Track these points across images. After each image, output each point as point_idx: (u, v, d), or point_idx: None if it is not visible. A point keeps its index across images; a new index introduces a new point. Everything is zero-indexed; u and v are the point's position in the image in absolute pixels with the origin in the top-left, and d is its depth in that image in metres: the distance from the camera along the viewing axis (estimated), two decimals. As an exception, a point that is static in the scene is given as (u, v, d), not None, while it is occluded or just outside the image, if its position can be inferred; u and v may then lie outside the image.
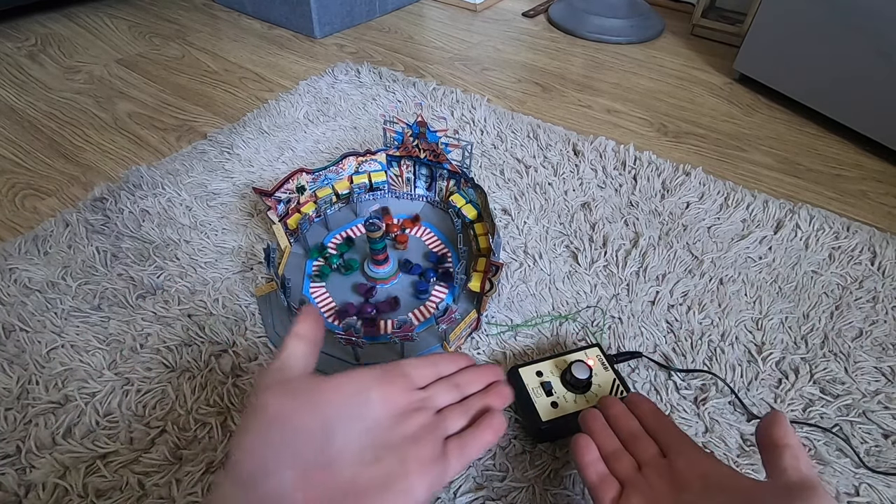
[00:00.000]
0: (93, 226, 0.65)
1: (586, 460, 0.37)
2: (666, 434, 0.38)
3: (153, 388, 0.49)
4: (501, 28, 1.26)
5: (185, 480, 0.43)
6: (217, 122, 0.87)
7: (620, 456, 0.37)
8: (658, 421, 0.39)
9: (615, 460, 0.37)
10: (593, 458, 0.37)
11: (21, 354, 0.51)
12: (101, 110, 0.90)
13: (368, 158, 0.65)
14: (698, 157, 0.83)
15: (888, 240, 0.66)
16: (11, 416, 0.47)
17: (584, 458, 0.37)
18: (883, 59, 0.78)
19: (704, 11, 1.20)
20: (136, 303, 0.56)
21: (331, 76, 0.99)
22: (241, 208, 0.69)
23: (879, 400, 0.50)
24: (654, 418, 0.40)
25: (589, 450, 0.38)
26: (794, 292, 0.60)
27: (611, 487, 0.35)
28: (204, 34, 1.17)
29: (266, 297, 0.57)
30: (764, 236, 0.67)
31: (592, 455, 0.38)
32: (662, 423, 0.39)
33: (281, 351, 0.32)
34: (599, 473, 0.37)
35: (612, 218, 0.69)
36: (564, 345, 0.54)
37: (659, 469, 0.36)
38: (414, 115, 0.88)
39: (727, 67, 1.08)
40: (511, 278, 0.61)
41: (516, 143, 0.82)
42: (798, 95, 0.93)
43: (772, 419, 0.34)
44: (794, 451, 0.32)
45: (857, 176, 0.80)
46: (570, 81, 1.04)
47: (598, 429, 0.40)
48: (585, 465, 0.37)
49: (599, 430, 0.40)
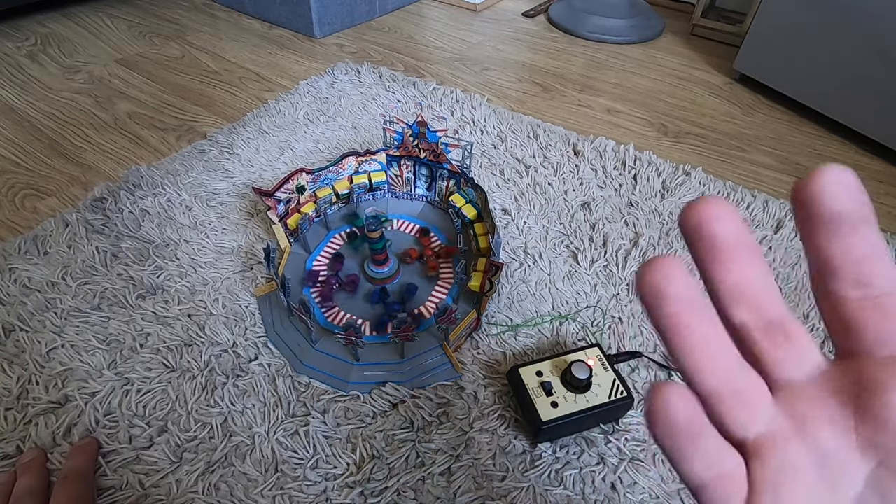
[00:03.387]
0: (93, 226, 0.65)
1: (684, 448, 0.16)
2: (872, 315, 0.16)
3: (153, 388, 0.49)
4: (501, 28, 1.26)
5: (184, 480, 0.43)
6: (217, 122, 0.87)
7: (744, 392, 0.16)
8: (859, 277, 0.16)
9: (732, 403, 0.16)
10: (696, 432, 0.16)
11: (21, 354, 0.51)
12: (101, 110, 0.90)
13: (368, 158, 0.65)
14: (698, 157, 0.83)
15: (888, 240, 0.66)
16: (11, 416, 0.47)
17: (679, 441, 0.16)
18: (883, 59, 0.78)
19: (704, 11, 1.20)
20: (135, 303, 0.56)
21: (331, 76, 0.99)
22: (241, 208, 0.69)
23: (879, 400, 0.50)
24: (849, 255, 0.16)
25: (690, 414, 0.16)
26: (794, 292, 0.60)
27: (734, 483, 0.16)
28: (204, 34, 1.17)
29: (266, 297, 0.57)
30: (764, 236, 0.67)
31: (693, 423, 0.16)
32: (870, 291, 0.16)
33: None
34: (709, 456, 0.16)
35: (612, 218, 0.69)
36: (564, 345, 0.54)
37: (830, 405, 0.16)
38: (414, 115, 0.88)
39: (727, 67, 1.08)
40: (511, 278, 0.61)
41: (516, 143, 0.82)
42: (798, 95, 0.93)
43: None
44: None
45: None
46: (570, 81, 1.04)
47: (699, 337, 0.16)
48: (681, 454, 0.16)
49: (702, 340, 0.16)
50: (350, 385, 0.49)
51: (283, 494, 0.42)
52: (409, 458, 0.45)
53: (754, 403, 0.17)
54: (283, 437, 0.46)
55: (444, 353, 0.51)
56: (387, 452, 0.45)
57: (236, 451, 0.45)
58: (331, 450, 0.45)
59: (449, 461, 0.45)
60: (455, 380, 0.50)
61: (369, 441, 0.46)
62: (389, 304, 0.56)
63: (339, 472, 0.44)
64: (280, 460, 0.44)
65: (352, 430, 0.47)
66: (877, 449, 0.16)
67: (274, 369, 0.51)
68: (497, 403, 0.49)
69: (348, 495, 0.42)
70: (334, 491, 0.43)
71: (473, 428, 0.47)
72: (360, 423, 0.47)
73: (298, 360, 0.51)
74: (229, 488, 0.43)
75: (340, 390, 0.49)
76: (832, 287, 0.17)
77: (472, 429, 0.47)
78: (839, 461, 0.16)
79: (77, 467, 0.42)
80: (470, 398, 0.49)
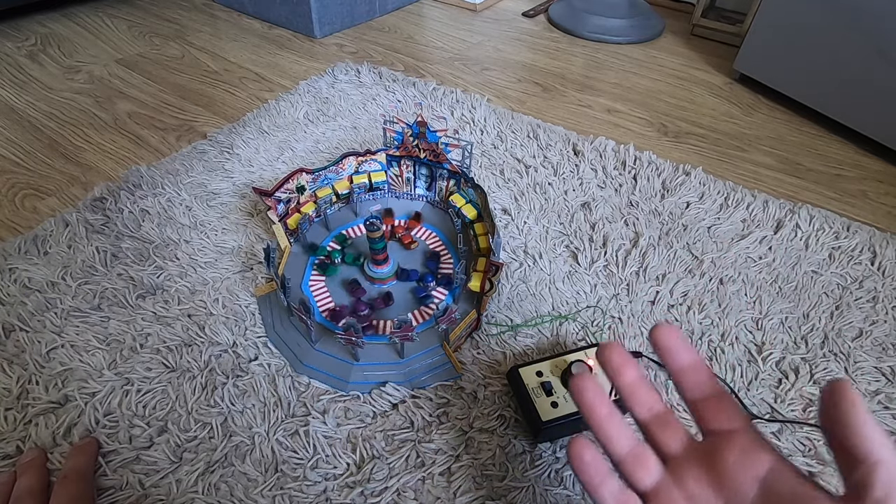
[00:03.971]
0: (93, 226, 0.65)
1: (592, 478, 0.27)
2: (709, 407, 0.28)
3: (153, 388, 0.49)
4: (501, 28, 1.26)
5: (184, 480, 0.43)
6: (217, 122, 0.87)
7: (641, 458, 0.28)
8: (697, 381, 0.28)
9: (634, 465, 0.28)
10: (600, 472, 0.27)
11: (21, 354, 0.51)
12: (101, 110, 0.90)
13: (368, 158, 0.65)
14: (698, 157, 0.83)
15: (888, 240, 0.66)
16: (11, 416, 0.47)
17: (588, 473, 0.27)
18: (883, 59, 0.78)
19: (704, 11, 1.20)
20: (135, 303, 0.56)
21: (331, 76, 0.99)
22: (241, 208, 0.69)
23: (879, 400, 0.50)
24: (692, 376, 0.28)
25: (593, 462, 0.28)
26: (794, 292, 0.60)
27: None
28: (204, 34, 1.17)
29: (266, 297, 0.57)
30: (764, 236, 0.67)
31: (598, 468, 0.28)
32: (703, 392, 0.28)
33: None
34: (614, 494, 0.27)
35: (612, 218, 0.69)
36: (564, 345, 0.54)
37: (696, 466, 0.26)
38: (414, 115, 0.88)
39: (727, 67, 1.08)
40: (511, 278, 0.61)
41: (516, 143, 0.82)
42: (798, 95, 0.93)
43: (843, 412, 0.23)
44: (891, 470, 0.22)
45: (857, 176, 0.80)
46: (570, 81, 1.04)
47: (602, 417, 0.28)
48: (592, 485, 0.27)
49: (605, 419, 0.28)
50: (350, 385, 0.49)
51: (283, 494, 0.42)
52: (409, 459, 0.45)
53: (648, 466, 0.27)
54: (283, 437, 0.46)
55: (444, 353, 0.51)
56: (387, 452, 0.45)
57: (236, 451, 0.45)
58: (331, 450, 0.45)
59: (449, 461, 0.45)
60: (455, 380, 0.50)
61: (369, 441, 0.46)
62: (419, 279, 0.58)
63: (339, 472, 0.44)
64: (280, 460, 0.44)
65: (352, 430, 0.47)
66: (724, 490, 0.25)
67: (274, 369, 0.51)
68: (497, 403, 0.49)
69: (348, 495, 0.42)
70: (334, 491, 0.43)
71: (473, 428, 0.47)
72: (360, 423, 0.47)
73: (298, 360, 0.51)
74: (229, 488, 0.43)
75: (340, 390, 0.49)
76: (683, 396, 0.29)
77: (472, 429, 0.47)
78: (704, 501, 0.26)
79: (77, 467, 0.42)
80: (470, 398, 0.49)
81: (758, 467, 0.25)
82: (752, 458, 0.25)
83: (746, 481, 0.25)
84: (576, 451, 0.28)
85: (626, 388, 0.29)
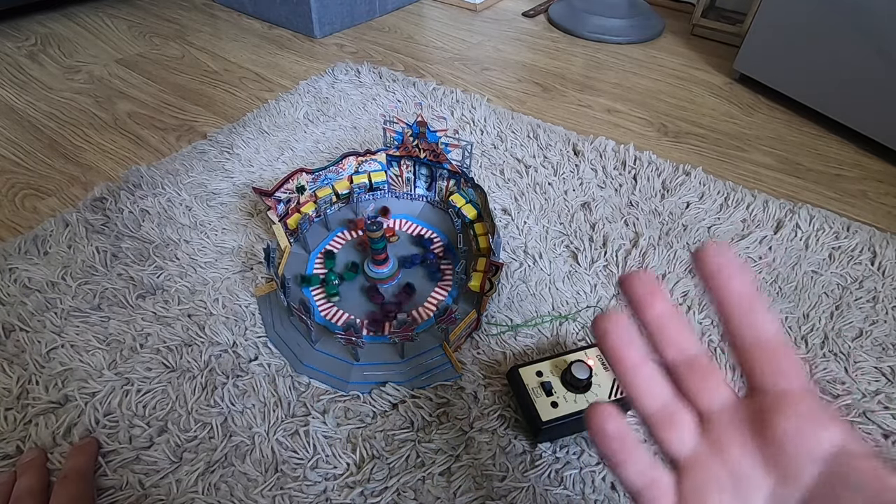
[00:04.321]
0: (93, 226, 0.65)
1: (616, 453, 0.21)
2: (763, 357, 0.21)
3: (153, 388, 0.49)
4: (501, 28, 1.26)
5: (184, 480, 0.43)
6: (217, 122, 0.87)
7: (675, 417, 0.22)
8: (750, 320, 0.21)
9: (666, 425, 0.22)
10: (626, 446, 0.21)
11: (21, 354, 0.51)
12: (101, 110, 0.90)
13: (368, 158, 0.65)
14: (698, 157, 0.83)
15: (888, 240, 0.66)
16: (11, 416, 0.47)
17: (612, 448, 0.21)
18: (883, 59, 0.78)
19: (704, 11, 1.20)
20: (135, 303, 0.56)
21: (331, 76, 0.99)
22: (241, 208, 0.69)
23: (879, 400, 0.50)
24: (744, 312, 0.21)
25: (618, 433, 0.21)
26: (794, 292, 0.60)
27: (663, 492, 0.21)
28: (204, 34, 1.17)
29: (266, 297, 0.57)
30: (764, 236, 0.67)
31: (625, 441, 0.21)
32: (758, 337, 0.21)
33: None
34: (642, 472, 0.21)
35: (612, 218, 0.69)
36: (564, 345, 0.54)
37: (741, 432, 0.21)
38: (414, 115, 0.88)
39: (727, 67, 1.08)
40: (511, 278, 0.61)
41: (516, 143, 0.82)
42: (798, 95, 0.93)
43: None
44: None
45: (857, 176, 0.80)
46: (570, 81, 1.04)
47: (631, 366, 0.22)
48: (616, 462, 0.21)
49: (634, 368, 0.22)
50: (350, 385, 0.49)
51: (283, 494, 0.42)
52: (409, 458, 0.45)
53: (682, 428, 0.22)
54: (283, 437, 0.46)
55: (444, 353, 0.51)
56: (387, 452, 0.45)
57: (236, 451, 0.45)
58: (331, 450, 0.45)
59: (449, 461, 0.45)
60: (455, 380, 0.50)
61: (369, 441, 0.46)
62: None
63: (339, 472, 0.44)
64: (280, 460, 0.44)
65: (352, 430, 0.47)
66: (775, 467, 0.20)
67: (274, 369, 0.51)
68: (497, 403, 0.49)
69: (348, 495, 0.42)
70: (334, 491, 0.43)
71: (473, 428, 0.47)
72: (360, 423, 0.47)
73: (298, 360, 0.51)
74: (229, 488, 0.43)
75: (340, 390, 0.49)
76: (730, 337, 0.22)
77: (472, 429, 0.47)
78: (748, 478, 0.20)
79: (77, 467, 0.42)
80: (470, 398, 0.49)
81: (821, 443, 0.19)
82: (814, 430, 0.19)
83: (805, 458, 0.19)
84: (597, 421, 0.21)
85: (653, 323, 0.22)
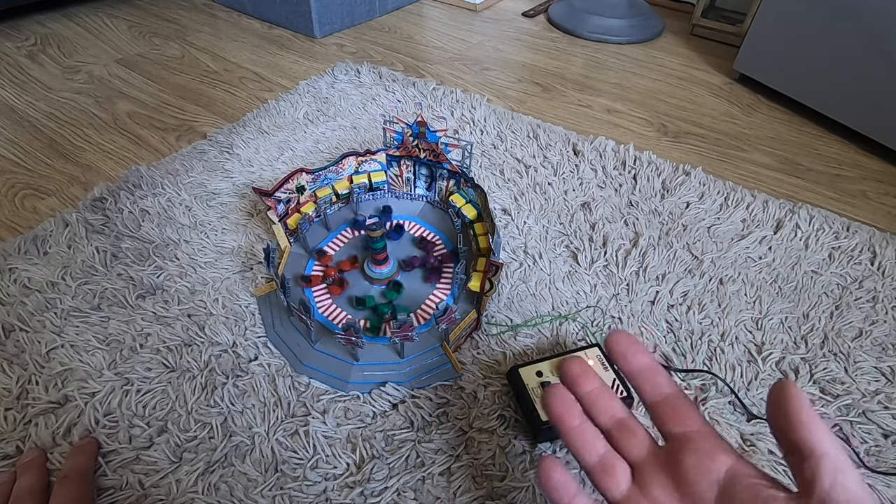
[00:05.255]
0: (92, 226, 0.65)
1: (561, 497, 0.29)
2: (667, 410, 0.29)
3: (153, 388, 0.49)
4: (501, 28, 1.26)
5: (184, 480, 0.43)
6: (217, 122, 0.87)
7: (609, 467, 0.29)
8: (654, 383, 0.30)
9: (603, 475, 0.29)
10: (569, 492, 0.29)
11: (21, 354, 0.51)
12: (101, 110, 0.90)
13: (368, 158, 0.65)
14: (698, 157, 0.83)
15: (888, 240, 0.66)
16: (11, 416, 0.47)
17: (558, 493, 0.29)
18: (883, 59, 0.78)
19: (704, 11, 1.20)
20: (135, 303, 0.56)
21: (331, 76, 0.99)
22: (241, 208, 0.69)
23: (879, 400, 0.50)
24: (649, 378, 0.30)
25: (562, 481, 0.29)
26: (794, 292, 0.60)
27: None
28: (204, 34, 1.17)
29: (266, 297, 0.57)
30: (764, 236, 0.67)
31: (567, 487, 0.29)
32: (661, 394, 0.30)
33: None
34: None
35: (612, 218, 0.69)
36: (564, 345, 0.54)
37: (660, 472, 0.28)
38: (414, 115, 0.88)
39: (727, 67, 1.08)
40: (511, 278, 0.61)
41: (516, 143, 0.82)
42: (798, 95, 0.93)
43: (788, 409, 0.25)
44: (834, 460, 0.23)
45: (857, 176, 0.80)
46: (570, 81, 1.04)
47: (572, 428, 0.30)
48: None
49: (574, 429, 0.30)
50: (350, 385, 0.49)
51: (283, 494, 0.42)
52: (409, 458, 0.45)
53: (617, 475, 0.28)
54: (283, 437, 0.46)
55: (444, 353, 0.51)
56: (387, 452, 0.45)
57: (236, 451, 0.45)
58: (331, 450, 0.45)
59: (449, 461, 0.45)
60: (455, 380, 0.50)
61: (369, 441, 0.46)
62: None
63: (339, 472, 0.44)
64: (280, 460, 0.44)
65: (352, 430, 0.47)
66: (686, 495, 0.26)
67: (274, 369, 0.51)
68: (497, 403, 0.49)
69: (348, 495, 0.42)
70: (334, 491, 0.43)
71: (473, 428, 0.47)
72: (360, 423, 0.47)
73: (298, 360, 0.51)
74: (229, 488, 0.43)
75: (340, 390, 0.49)
76: (642, 399, 0.30)
77: (472, 429, 0.47)
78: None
79: (77, 467, 0.42)
80: (470, 398, 0.49)
81: (715, 469, 0.26)
82: (709, 461, 0.26)
83: (706, 484, 0.26)
84: (545, 471, 0.29)
85: (586, 397, 0.31)
